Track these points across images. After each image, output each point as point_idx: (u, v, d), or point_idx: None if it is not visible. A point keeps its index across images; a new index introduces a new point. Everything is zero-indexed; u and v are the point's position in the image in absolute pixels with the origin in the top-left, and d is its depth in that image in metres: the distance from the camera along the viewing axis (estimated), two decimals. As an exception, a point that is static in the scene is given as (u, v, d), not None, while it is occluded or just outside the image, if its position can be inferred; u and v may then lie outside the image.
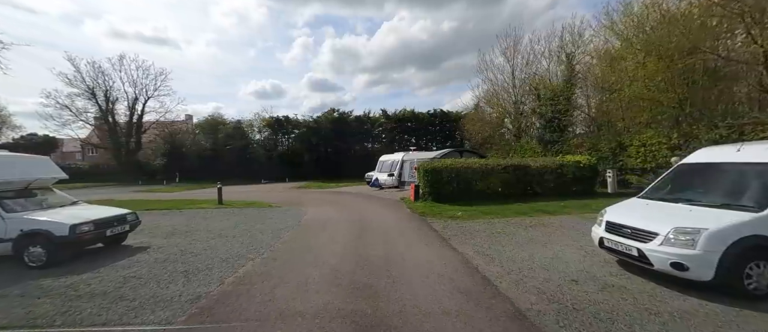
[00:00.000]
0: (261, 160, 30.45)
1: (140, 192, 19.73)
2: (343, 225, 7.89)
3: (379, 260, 5.02)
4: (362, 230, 7.30)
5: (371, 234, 6.94)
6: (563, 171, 11.66)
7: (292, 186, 21.67)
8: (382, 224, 7.99)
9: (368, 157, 30.93)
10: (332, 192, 17.19)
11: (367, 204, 11.90)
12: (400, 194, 14.68)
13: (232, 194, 17.21)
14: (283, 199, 14.23)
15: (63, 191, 7.07)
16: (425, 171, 11.44)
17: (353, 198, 14.01)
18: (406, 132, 31.40)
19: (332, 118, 30.03)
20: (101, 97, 30.21)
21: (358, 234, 6.93)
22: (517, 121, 20.77)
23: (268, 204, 12.47)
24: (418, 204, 10.94)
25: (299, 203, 12.71)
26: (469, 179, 11.29)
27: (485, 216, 8.61)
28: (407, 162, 17.41)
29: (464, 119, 29.04)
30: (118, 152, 31.10)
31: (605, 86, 12.55)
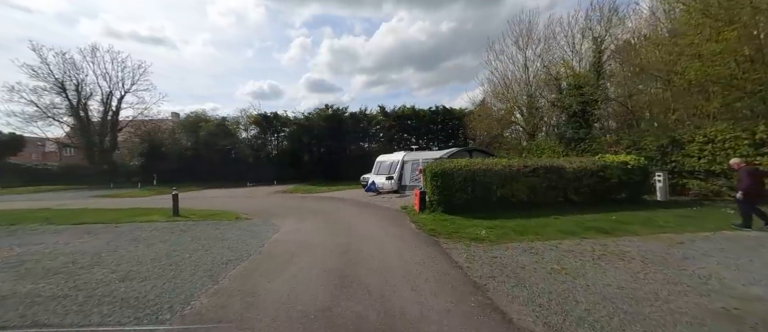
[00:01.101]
0: (247, 161, 27.94)
1: (99, 198, 17.18)
2: (322, 255, 5.46)
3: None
4: (349, 264, 4.88)
5: (362, 271, 4.53)
6: (606, 174, 9.31)
7: (278, 190, 19.19)
8: (378, 252, 5.57)
9: (365, 157, 28.51)
10: (322, 198, 14.75)
11: (361, 216, 9.48)
12: (400, 201, 12.28)
13: (202, 200, 14.71)
14: (260, 208, 11.77)
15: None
16: (433, 174, 9.05)
17: (345, 207, 11.59)
18: (405, 130, 29.04)
19: (326, 115, 27.59)
20: (72, 92, 27.63)
21: (342, 272, 4.51)
22: (531, 117, 18.45)
23: (236, 215, 10.01)
24: (426, 217, 8.54)
25: (276, 214, 10.26)
26: (488, 184, 8.92)
27: (520, 237, 6.23)
28: (409, 163, 15.02)
29: (469, 116, 26.75)
30: (90, 152, 28.46)
31: (653, 71, 10.25)
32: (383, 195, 14.29)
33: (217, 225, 8.40)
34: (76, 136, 28.58)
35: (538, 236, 6.34)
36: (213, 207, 11.89)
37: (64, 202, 14.88)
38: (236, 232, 7.40)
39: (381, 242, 6.23)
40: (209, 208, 11.64)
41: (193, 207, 11.90)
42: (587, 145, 13.48)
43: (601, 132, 13.63)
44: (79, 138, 28.59)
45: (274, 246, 6.04)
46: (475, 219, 8.11)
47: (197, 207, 11.99)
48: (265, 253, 5.60)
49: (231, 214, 10.15)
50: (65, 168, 28.07)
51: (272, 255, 5.44)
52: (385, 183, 14.55)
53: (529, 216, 8.23)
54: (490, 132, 23.67)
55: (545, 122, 18.02)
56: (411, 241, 6.29)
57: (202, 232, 7.41)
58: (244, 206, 12.32)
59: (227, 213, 10.51)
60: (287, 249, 5.86)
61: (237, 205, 12.64)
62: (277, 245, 6.16)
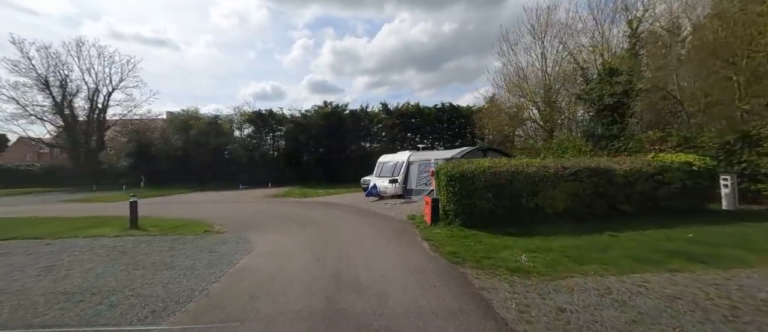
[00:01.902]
0: (241, 162, 26.24)
1: (68, 203, 15.51)
2: (297, 301, 3.66)
3: None
4: (335, 323, 3.08)
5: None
6: (665, 177, 7.46)
7: (270, 194, 17.44)
8: (381, 295, 3.76)
9: (366, 158, 26.74)
10: (317, 204, 12.96)
11: (359, 230, 7.68)
12: (406, 208, 10.47)
13: (181, 206, 12.95)
14: (241, 216, 10.01)
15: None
16: (449, 177, 7.24)
17: (341, 216, 9.79)
18: (409, 129, 27.22)
19: (324, 112, 25.84)
20: (56, 89, 26.09)
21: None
22: (551, 113, 16.60)
23: (207, 226, 8.25)
24: (440, 232, 6.73)
25: (257, 225, 8.48)
26: (517, 191, 7.09)
27: (579, 268, 4.42)
28: (415, 164, 13.20)
29: (478, 114, 24.92)
30: (75, 152, 26.89)
31: (721, 53, 8.34)
32: (386, 201, 12.50)
33: (176, 242, 6.63)
34: (60, 135, 27.02)
35: (603, 266, 4.52)
36: (186, 216, 10.13)
37: (20, 208, 13.22)
38: (193, 254, 5.62)
39: (385, 275, 4.42)
40: (180, 217, 9.88)
41: (163, 216, 10.17)
42: (622, 143, 11.62)
43: (639, 127, 11.76)
44: (64, 137, 27.04)
45: (232, 283, 4.24)
46: (505, 236, 6.30)
47: (169, 216, 10.25)
48: (212, 296, 3.80)
49: (202, 225, 8.39)
50: (47, 170, 26.50)
51: (220, 303, 3.63)
52: (388, 187, 12.75)
53: (574, 232, 6.40)
54: (501, 130, 21.82)
55: (568, 117, 16.16)
56: (428, 273, 4.47)
57: (147, 255, 5.64)
58: (224, 214, 10.57)
59: (199, 223, 8.75)
60: (249, 286, 4.06)
61: (217, 213, 10.89)
62: (237, 280, 4.36)
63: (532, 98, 17.71)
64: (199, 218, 9.67)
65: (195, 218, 9.69)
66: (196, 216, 10.18)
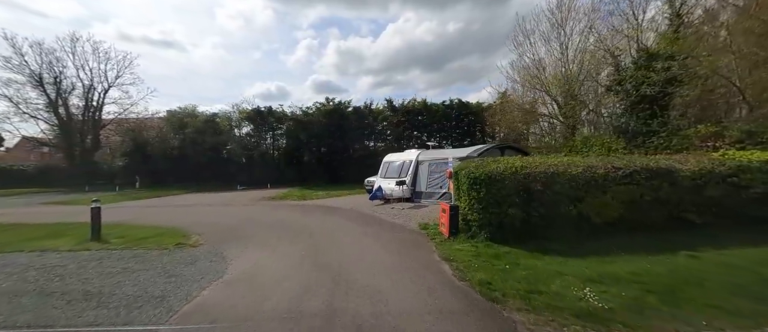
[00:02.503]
0: (240, 162, 25.12)
1: (46, 205, 14.43)
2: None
3: None
4: None
5: None
6: (742, 179, 6.00)
7: (267, 196, 16.21)
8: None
9: (369, 157, 25.42)
10: (315, 208, 11.67)
11: (362, 244, 6.34)
12: (416, 214, 9.12)
13: (166, 211, 11.72)
14: (227, 224, 8.74)
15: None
16: (473, 180, 5.87)
17: (341, 224, 8.46)
18: (415, 127, 25.82)
19: (326, 109, 24.57)
20: (50, 86, 25.22)
21: None
22: (573, 107, 15.10)
23: (183, 237, 7.00)
24: (463, 249, 5.37)
25: (242, 235, 7.21)
26: (558, 196, 5.70)
27: (677, 313, 3.02)
28: (425, 164, 11.83)
29: (489, 110, 23.46)
30: (70, 151, 26.01)
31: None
32: (392, 205, 11.15)
33: (135, 260, 5.37)
34: (55, 134, 26.17)
35: (713, 308, 3.12)
36: (166, 223, 8.90)
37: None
38: (146, 280, 4.33)
39: (398, 326, 3.07)
40: (158, 225, 8.64)
41: (139, 223, 8.96)
42: (664, 139, 10.12)
43: (685, 121, 10.24)
44: (59, 136, 26.19)
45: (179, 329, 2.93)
46: (548, 256, 4.93)
47: (146, 223, 9.04)
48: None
49: (177, 236, 7.13)
50: (41, 170, 25.67)
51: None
52: (394, 189, 11.40)
53: (635, 249, 5.01)
54: (514, 128, 20.37)
55: (593, 112, 14.63)
56: (458, 319, 3.11)
57: (86, 281, 4.36)
58: (210, 220, 9.32)
59: (175, 233, 7.50)
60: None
61: (202, 218, 9.66)
62: (190, 323, 3.06)
63: (551, 91, 16.22)
64: (180, 225, 8.43)
65: (175, 226, 8.45)
66: (178, 222, 8.95)
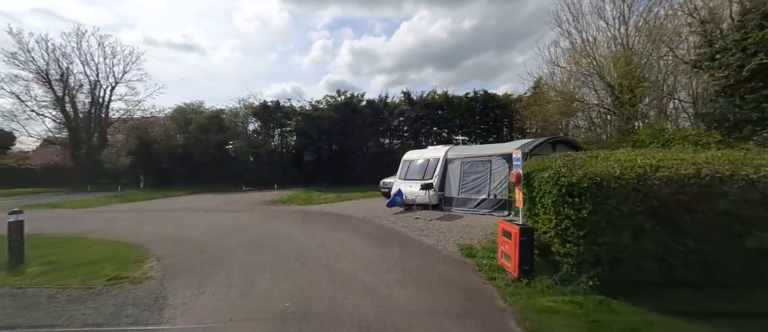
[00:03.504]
0: (247, 160, 23.51)
1: (32, 209, 13.01)
2: None
3: None
4: None
5: None
6: None
7: (269, 199, 14.30)
8: None
9: (384, 155, 23.21)
10: (321, 217, 9.58)
11: (380, 285, 4.12)
12: (450, 228, 6.81)
13: (148, 217, 9.83)
14: (204, 241, 6.75)
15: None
16: (568, 188, 3.50)
17: (350, 244, 6.28)
18: (435, 122, 23.37)
19: (337, 103, 22.55)
20: (57, 82, 24.50)
21: None
22: (635, 92, 12.31)
23: (133, 263, 5.04)
24: (556, 306, 3.05)
25: (213, 262, 5.17)
26: (723, 219, 3.25)
27: None
28: (456, 163, 9.49)
29: (521, 102, 20.74)
30: (77, 150, 25.24)
31: None
32: (416, 213, 8.89)
33: (28, 312, 3.38)
34: (61, 132, 25.51)
35: None
36: (131, 237, 7.01)
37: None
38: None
39: None
40: (118, 240, 6.76)
41: (98, 236, 7.14)
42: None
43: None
44: (66, 135, 25.51)
45: None
46: (715, 326, 2.53)
47: (107, 236, 7.21)
48: None
49: (125, 261, 5.18)
50: (48, 169, 25.04)
51: None
52: (418, 194, 9.11)
53: None
54: (553, 121, 17.63)
55: (669, 96, 11.76)
56: None
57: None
58: (186, 234, 7.38)
59: (129, 255, 5.57)
60: None
61: (181, 229, 7.75)
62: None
63: (604, 74, 13.43)
64: (146, 241, 6.52)
65: (140, 242, 6.54)
66: (148, 236, 7.07)
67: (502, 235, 4.31)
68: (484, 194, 8.51)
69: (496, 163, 8.46)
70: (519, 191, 4.24)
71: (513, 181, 4.23)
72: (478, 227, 7.06)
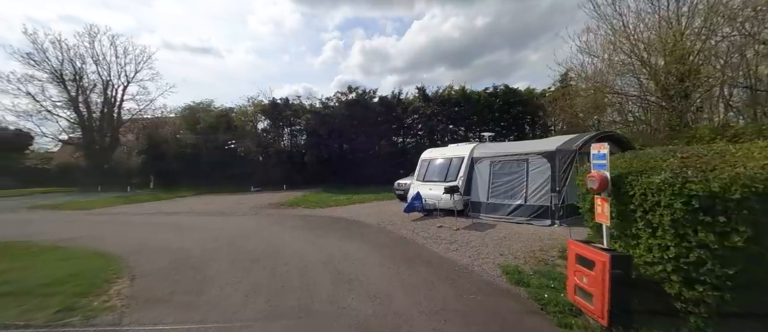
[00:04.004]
0: (255, 160, 22.86)
1: (31, 210, 12.58)
2: None
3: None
4: None
5: None
6: None
7: (275, 201, 13.40)
8: None
9: (397, 155, 22.11)
10: (329, 223, 8.53)
11: (405, 328, 2.97)
12: (483, 242, 5.58)
13: (143, 220, 9.00)
14: (191, 254, 5.79)
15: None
16: (706, 200, 2.25)
17: (363, 262, 5.18)
18: (451, 120, 22.05)
19: (348, 100, 21.55)
20: (70, 82, 24.59)
21: None
22: (688, 81, 10.69)
23: (99, 286, 4.10)
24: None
25: (188, 290, 4.17)
26: None
27: None
28: (483, 162, 8.23)
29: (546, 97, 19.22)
30: (90, 150, 25.29)
31: None
32: (439, 220, 7.70)
33: None
34: (74, 132, 25.63)
35: None
36: (113, 246, 6.15)
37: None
38: None
39: None
40: (97, 250, 5.89)
41: (78, 245, 6.31)
42: None
43: None
44: (79, 135, 25.60)
45: None
46: None
47: (90, 244, 6.37)
48: None
49: (94, 280, 4.28)
50: (62, 169, 25.21)
51: None
52: (442, 197, 7.92)
53: None
54: (588, 114, 16.06)
55: (742, 83, 10.08)
56: None
57: None
58: (177, 242, 6.47)
59: (99, 271, 4.66)
60: None
61: (170, 239, 6.85)
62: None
63: (649, 61, 11.81)
64: (129, 252, 5.65)
65: (121, 253, 5.66)
66: (133, 245, 6.21)
67: (577, 262, 3.08)
68: (519, 199, 7.24)
69: (534, 162, 7.17)
70: (603, 202, 3.01)
71: (594, 188, 3.00)
72: (517, 240, 5.82)
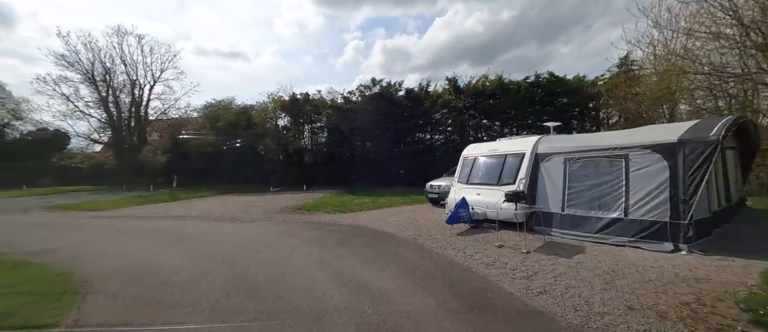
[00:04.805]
0: (275, 159, 21.93)
1: (42, 213, 12.09)
2: None
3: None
4: None
5: None
6: None
7: (292, 205, 12.05)
8: None
9: (425, 153, 20.23)
10: (350, 236, 6.94)
11: None
12: (580, 276, 3.64)
13: (141, 226, 7.76)
14: (173, 280, 4.36)
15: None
16: None
17: (399, 301, 3.45)
18: (486, 114, 19.81)
19: (371, 94, 19.95)
20: (101, 83, 25.08)
21: None
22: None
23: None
24: None
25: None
26: None
27: None
28: (554, 161, 6.22)
29: (604, 84, 16.54)
30: (119, 149, 25.71)
31: None
32: (490, 232, 5.82)
33: None
34: (104, 131, 26.18)
35: None
36: (104, 255, 4.91)
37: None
38: None
39: None
40: (75, 265, 4.64)
41: (53, 260, 5.12)
42: None
43: None
44: (110, 134, 26.13)
45: None
46: None
47: (83, 254, 5.19)
48: None
49: (27, 325, 2.88)
50: (95, 168, 25.83)
51: None
52: (500, 206, 6.01)
53: None
54: (657, 102, 13.37)
55: None
56: None
57: None
58: (163, 257, 5.13)
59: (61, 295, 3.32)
60: None
61: (158, 253, 5.54)
62: None
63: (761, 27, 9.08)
64: (99, 273, 4.37)
65: (88, 275, 4.40)
66: (112, 263, 4.96)
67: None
68: (614, 210, 5.21)
69: (638, 159, 5.11)
70: None
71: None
72: (638, 278, 3.83)
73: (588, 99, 18.47)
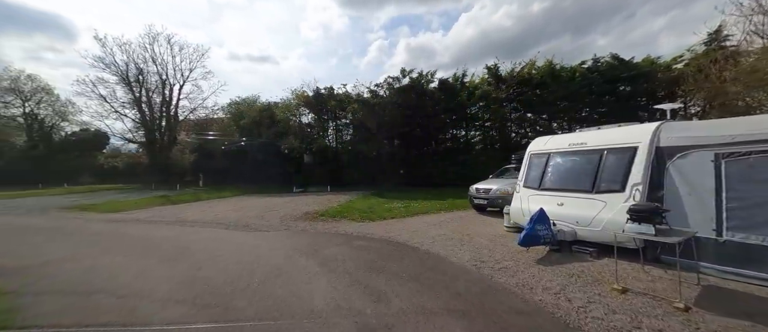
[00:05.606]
0: (299, 158, 20.94)
1: (59, 213, 11.66)
2: None
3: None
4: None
5: None
6: None
7: (315, 210, 10.62)
8: None
9: (459, 152, 18.24)
10: (385, 255, 5.27)
11: None
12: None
13: (147, 233, 6.54)
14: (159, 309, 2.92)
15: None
16: None
17: None
18: (531, 106, 17.37)
19: (400, 86, 18.22)
20: (135, 83, 25.64)
21: None
22: None
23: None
24: None
25: None
26: None
27: None
28: (692, 157, 4.11)
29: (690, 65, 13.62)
30: (151, 148, 26.18)
31: None
32: (591, 261, 3.88)
33: None
34: (138, 131, 26.80)
35: None
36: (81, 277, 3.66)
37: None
38: None
39: None
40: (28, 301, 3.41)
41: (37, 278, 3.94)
42: None
43: None
44: (142, 133, 26.72)
45: None
46: None
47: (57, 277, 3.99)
48: None
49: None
50: (129, 167, 26.54)
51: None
52: (626, 228, 4.02)
53: None
54: (738, 95, 10.48)
55: None
56: None
57: None
58: (150, 282, 3.77)
59: None
60: None
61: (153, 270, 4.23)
62: None
63: None
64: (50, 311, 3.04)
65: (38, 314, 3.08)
66: (70, 299, 3.68)
67: None
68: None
69: None
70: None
71: None
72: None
73: (660, 85, 15.42)
